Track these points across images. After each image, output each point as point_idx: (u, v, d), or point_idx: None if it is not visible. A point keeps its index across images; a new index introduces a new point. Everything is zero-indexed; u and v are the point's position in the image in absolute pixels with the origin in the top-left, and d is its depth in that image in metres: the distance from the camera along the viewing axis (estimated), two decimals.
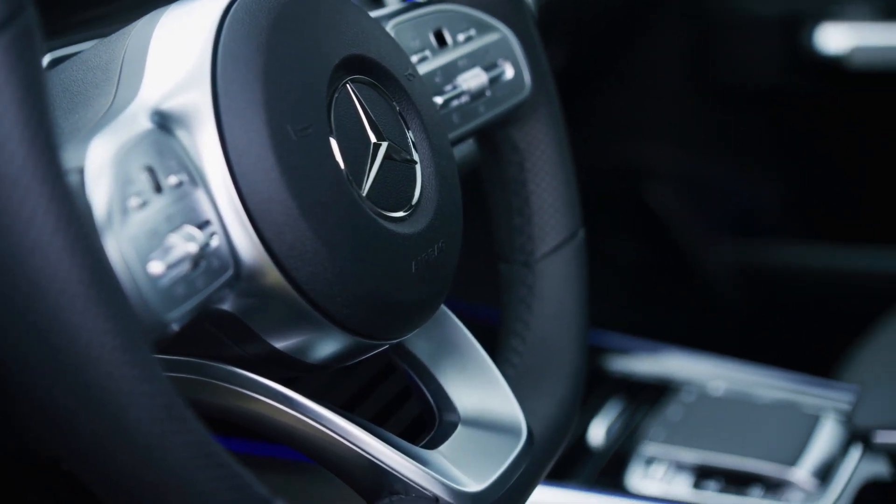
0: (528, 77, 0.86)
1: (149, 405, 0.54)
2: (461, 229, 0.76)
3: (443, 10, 0.83)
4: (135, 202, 0.58)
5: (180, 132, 0.63)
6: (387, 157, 0.70)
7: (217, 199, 0.63)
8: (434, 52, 0.81)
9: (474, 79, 0.82)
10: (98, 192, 0.57)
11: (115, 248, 0.57)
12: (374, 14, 0.78)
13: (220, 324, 0.66)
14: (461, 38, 0.83)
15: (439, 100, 0.80)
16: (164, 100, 0.63)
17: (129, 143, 0.60)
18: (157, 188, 0.60)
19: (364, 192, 0.68)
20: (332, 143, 0.67)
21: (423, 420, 0.79)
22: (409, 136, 0.73)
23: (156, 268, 0.58)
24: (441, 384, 0.78)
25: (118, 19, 0.74)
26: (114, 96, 0.65)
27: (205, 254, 0.61)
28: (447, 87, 0.81)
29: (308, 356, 0.69)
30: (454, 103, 0.81)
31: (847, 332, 1.58)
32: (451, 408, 0.78)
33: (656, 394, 1.31)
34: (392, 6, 0.82)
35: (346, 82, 0.69)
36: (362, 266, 0.67)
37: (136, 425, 0.53)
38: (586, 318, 0.87)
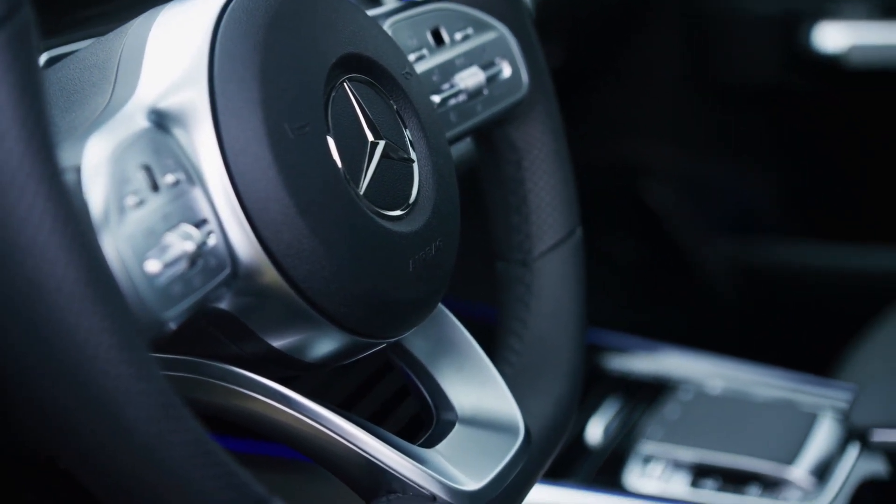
0: (525, 76, 0.86)
1: (146, 404, 0.54)
2: (459, 228, 0.76)
3: (440, 8, 0.83)
4: (131, 201, 0.58)
5: (177, 131, 0.63)
6: (384, 155, 0.70)
7: (214, 197, 0.63)
8: (431, 51, 0.81)
9: (472, 77, 0.82)
10: (95, 191, 0.57)
11: (112, 246, 0.57)
12: (371, 12, 0.78)
13: (218, 322, 0.66)
14: (458, 36, 0.83)
15: (437, 98, 0.80)
16: (160, 98, 0.63)
17: (126, 142, 0.60)
18: (154, 187, 0.60)
19: (361, 191, 0.68)
20: (330, 141, 0.67)
21: (420, 419, 0.79)
22: (407, 135, 0.73)
23: (152, 266, 0.58)
24: (439, 383, 0.78)
25: (115, 18, 0.74)
26: (110, 95, 0.65)
27: (202, 252, 0.61)
28: (444, 85, 0.81)
29: (305, 355, 0.69)
30: (451, 102, 0.81)
31: (845, 331, 1.58)
32: (448, 406, 0.78)
33: (654, 392, 1.31)
34: (389, 5, 0.82)
35: (344, 81, 0.69)
36: (360, 265, 0.67)
37: (133, 424, 0.53)
38: (584, 316, 0.87)
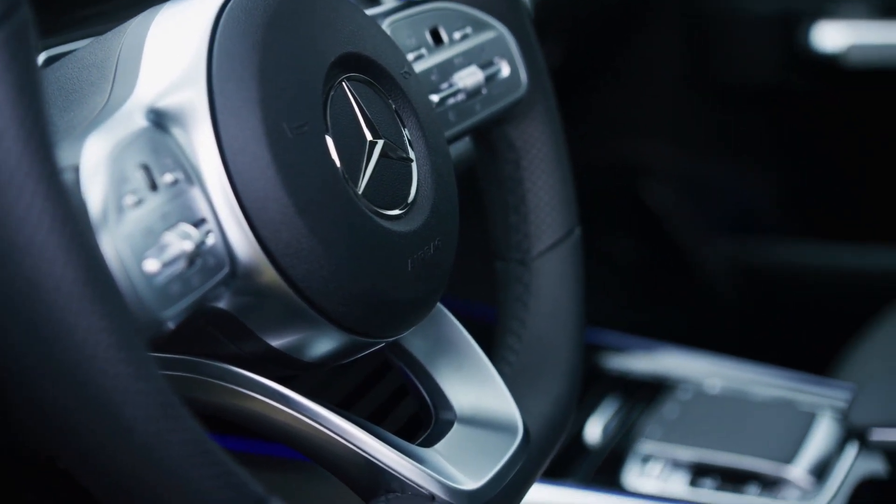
0: (524, 75, 0.86)
1: (144, 403, 0.54)
2: (457, 227, 0.76)
3: (439, 7, 0.83)
4: (130, 200, 0.58)
5: (176, 130, 0.63)
6: (383, 155, 0.70)
7: (213, 197, 0.63)
8: (430, 50, 0.81)
9: (470, 77, 0.82)
10: (93, 190, 0.57)
11: (111, 246, 0.57)
12: (370, 12, 0.78)
13: (216, 322, 0.66)
14: (457, 35, 0.83)
15: (435, 98, 0.80)
16: (159, 98, 0.63)
17: (125, 141, 0.60)
18: (153, 186, 0.60)
19: (360, 190, 0.68)
20: (328, 140, 0.67)
21: (419, 418, 0.79)
22: (405, 134, 0.73)
23: (151, 266, 0.58)
24: (437, 382, 0.78)
25: (114, 17, 0.74)
26: (109, 94, 0.65)
27: (200, 252, 0.61)
28: (443, 85, 0.81)
29: (304, 354, 0.69)
30: (450, 101, 0.81)
31: (843, 331, 1.58)
32: (447, 406, 0.78)
33: (653, 392, 1.31)
34: (388, 4, 0.82)
35: (342, 80, 0.69)
36: (358, 264, 0.67)
37: (131, 423, 0.53)
38: (583, 315, 0.87)
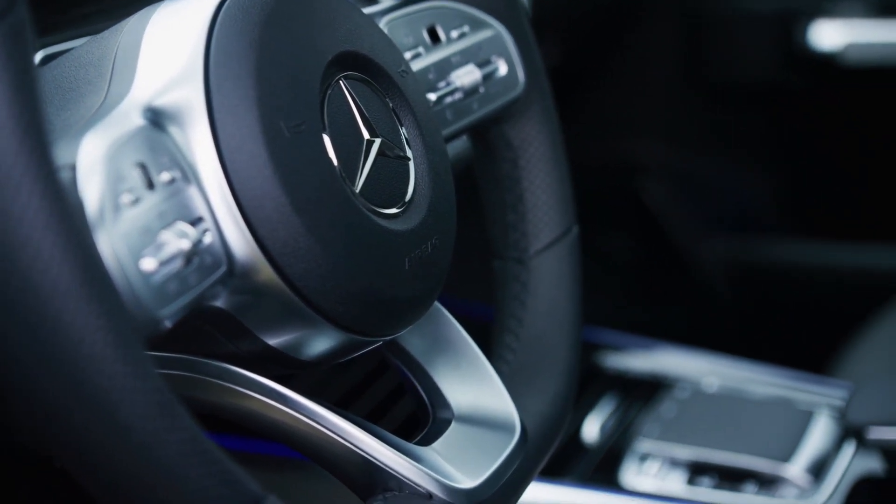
0: (521, 74, 0.86)
1: (141, 402, 0.54)
2: (455, 226, 0.76)
3: (436, 6, 0.83)
4: (127, 199, 0.58)
5: (173, 129, 0.63)
6: (380, 153, 0.70)
7: (210, 195, 0.63)
8: (427, 49, 0.81)
9: (468, 75, 0.82)
10: (90, 189, 0.57)
11: (108, 244, 0.57)
12: (367, 10, 0.78)
13: (214, 321, 0.66)
14: (455, 34, 0.83)
15: (433, 96, 0.80)
16: (156, 96, 0.63)
17: (122, 140, 0.60)
18: (150, 185, 0.60)
19: (357, 189, 0.68)
20: (325, 139, 0.67)
21: (416, 417, 0.79)
22: (403, 133, 0.73)
23: (148, 264, 0.58)
24: (435, 381, 0.78)
25: (111, 16, 0.74)
26: (106, 93, 0.64)
27: (197, 250, 0.61)
28: (441, 83, 0.81)
29: (302, 353, 0.69)
30: (448, 100, 0.81)
31: (841, 329, 1.59)
32: (444, 404, 0.78)
33: (650, 390, 1.31)
34: (385, 2, 0.82)
35: (340, 79, 0.69)
36: (355, 263, 0.67)
37: (128, 422, 0.53)
38: (580, 314, 0.87)
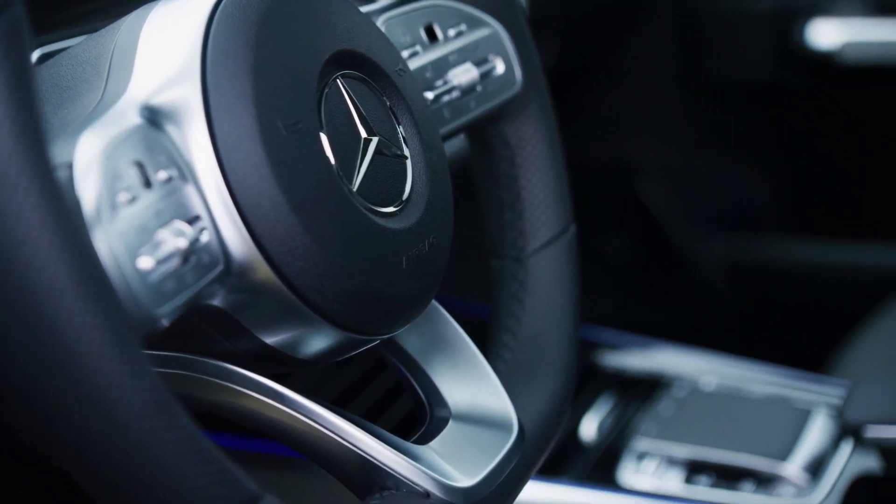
0: (518, 72, 0.86)
1: (138, 401, 0.54)
2: (452, 224, 0.76)
3: (433, 5, 0.83)
4: (124, 197, 0.58)
5: (170, 127, 0.63)
6: (377, 152, 0.70)
7: (207, 194, 0.63)
8: (425, 48, 0.81)
9: (465, 74, 0.82)
10: (87, 188, 0.57)
11: (105, 243, 0.57)
12: (364, 9, 0.78)
13: (211, 319, 0.66)
14: (452, 33, 0.83)
15: (430, 95, 0.80)
16: (153, 95, 0.63)
17: (119, 139, 0.60)
18: (147, 183, 0.60)
19: (354, 188, 0.68)
20: (323, 138, 0.67)
21: (414, 416, 0.79)
22: (400, 132, 0.73)
23: (145, 263, 0.58)
24: (432, 380, 0.78)
25: (108, 14, 0.74)
26: (103, 91, 0.64)
27: (194, 249, 0.61)
28: (438, 82, 0.81)
29: (299, 352, 0.69)
30: (445, 98, 0.81)
31: (838, 328, 1.59)
32: (442, 403, 0.78)
33: (648, 389, 1.31)
34: (383, 1, 0.82)
35: (337, 77, 0.69)
36: (353, 261, 0.67)
37: (125, 421, 0.53)
38: (577, 313, 0.87)
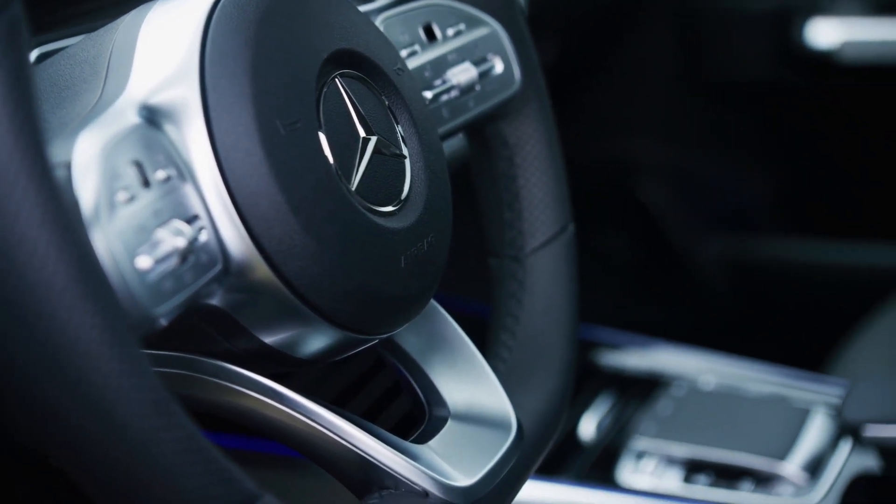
0: (517, 72, 0.86)
1: (137, 400, 0.54)
2: (451, 224, 0.76)
3: (432, 4, 0.83)
4: (122, 197, 0.58)
5: (168, 127, 0.63)
6: (376, 151, 0.70)
7: (205, 193, 0.63)
8: (423, 47, 0.81)
9: (464, 73, 0.82)
10: (85, 187, 0.57)
11: (103, 242, 0.57)
12: (363, 8, 0.78)
13: (209, 319, 0.66)
14: (451, 32, 0.83)
15: (429, 94, 0.80)
16: (151, 94, 0.63)
17: (117, 138, 0.60)
18: (145, 183, 0.60)
19: (353, 187, 0.68)
20: (321, 137, 0.67)
21: (412, 415, 0.79)
22: (399, 131, 0.73)
23: (143, 262, 0.58)
24: (431, 379, 0.78)
25: (106, 14, 0.74)
26: (101, 91, 0.64)
27: (193, 248, 0.61)
28: (437, 81, 0.81)
29: (297, 351, 0.69)
30: (444, 98, 0.81)
31: (837, 327, 1.59)
32: (440, 403, 0.78)
33: (647, 388, 1.31)
34: (381, 0, 0.82)
35: (335, 77, 0.69)
36: (351, 261, 0.67)
37: (123, 421, 0.53)
38: (576, 312, 0.87)
